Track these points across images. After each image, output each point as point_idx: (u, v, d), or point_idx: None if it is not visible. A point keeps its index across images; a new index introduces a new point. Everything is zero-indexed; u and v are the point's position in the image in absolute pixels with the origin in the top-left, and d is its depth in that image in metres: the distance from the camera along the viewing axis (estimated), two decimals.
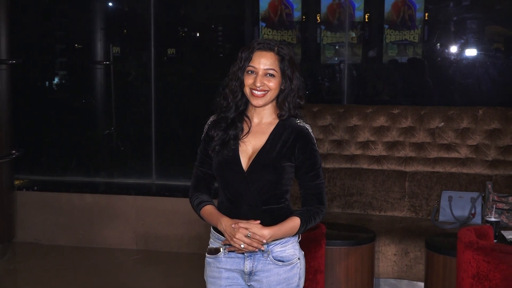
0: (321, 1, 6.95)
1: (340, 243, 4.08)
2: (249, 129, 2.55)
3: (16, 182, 6.19)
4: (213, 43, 7.56)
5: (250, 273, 2.51)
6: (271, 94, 2.50)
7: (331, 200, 5.24)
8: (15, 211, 6.03)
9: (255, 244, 2.40)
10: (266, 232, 2.41)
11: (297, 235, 2.57)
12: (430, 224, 4.81)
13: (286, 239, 2.51)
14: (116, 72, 7.09)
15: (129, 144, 7.05)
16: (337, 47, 6.95)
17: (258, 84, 2.47)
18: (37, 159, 6.94)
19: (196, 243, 5.60)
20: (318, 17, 7.00)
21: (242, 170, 2.49)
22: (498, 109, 5.17)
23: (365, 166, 5.28)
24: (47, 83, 7.55)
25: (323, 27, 6.97)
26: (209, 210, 2.54)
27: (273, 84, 2.49)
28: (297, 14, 7.05)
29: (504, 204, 4.68)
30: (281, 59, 2.51)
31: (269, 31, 6.99)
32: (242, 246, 2.40)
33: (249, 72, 2.50)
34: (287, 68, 2.51)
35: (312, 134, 2.55)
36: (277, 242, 2.49)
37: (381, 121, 5.31)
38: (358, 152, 5.32)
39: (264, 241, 2.41)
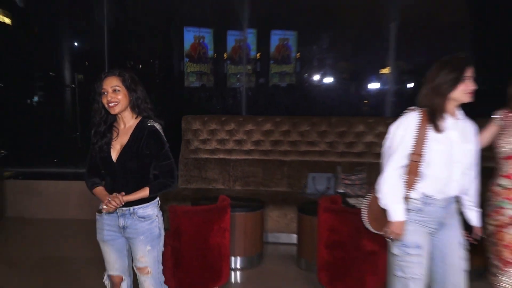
0: (227, 44, 7.01)
1: (240, 210, 4.06)
2: (118, 133, 2.52)
3: (6, 174, 5.92)
4: (151, 72, 7.48)
5: (124, 227, 2.52)
6: (122, 103, 2.46)
7: (234, 181, 5.21)
8: (6, 195, 5.77)
9: (113, 204, 2.40)
10: (125, 198, 2.43)
11: (157, 201, 2.58)
12: (301, 196, 4.87)
13: (147, 204, 2.50)
14: (80, 93, 6.91)
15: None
16: (238, 76, 7.01)
17: (109, 99, 2.44)
18: (21, 156, 6.66)
19: None
20: (225, 55, 7.04)
21: (113, 162, 2.47)
22: (344, 118, 5.27)
23: (257, 157, 5.28)
24: (28, 101, 7.26)
25: (228, 62, 7.02)
26: (99, 190, 2.53)
27: (120, 96, 2.45)
28: (210, 53, 7.07)
29: (348, 181, 4.79)
30: (123, 79, 2.46)
31: (191, 64, 6.96)
32: (105, 207, 2.42)
33: (103, 93, 2.46)
34: (129, 84, 2.47)
35: (159, 129, 2.48)
36: (140, 206, 2.49)
37: (268, 126, 5.32)
38: (252, 148, 5.31)
39: (122, 201, 2.41)
